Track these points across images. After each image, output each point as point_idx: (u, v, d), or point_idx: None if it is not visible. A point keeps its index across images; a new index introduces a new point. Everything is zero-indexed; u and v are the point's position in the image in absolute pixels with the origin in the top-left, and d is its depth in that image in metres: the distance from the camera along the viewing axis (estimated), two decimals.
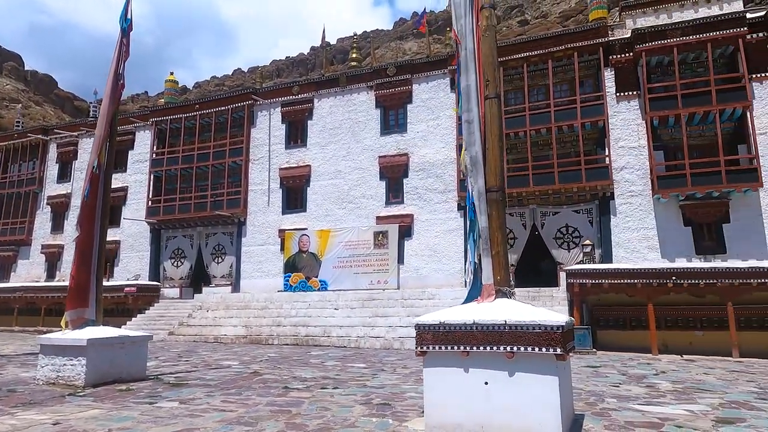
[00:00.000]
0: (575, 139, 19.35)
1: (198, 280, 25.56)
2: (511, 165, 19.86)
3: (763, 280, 13.90)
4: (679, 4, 19.08)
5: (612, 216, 18.60)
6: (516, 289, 19.37)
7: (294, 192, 24.26)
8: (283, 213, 24.01)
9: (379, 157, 22.52)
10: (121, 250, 27.02)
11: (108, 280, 25.78)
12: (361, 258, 21.41)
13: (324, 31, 25.63)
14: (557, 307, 16.74)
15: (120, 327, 15.70)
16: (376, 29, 79.16)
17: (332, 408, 6.39)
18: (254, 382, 8.67)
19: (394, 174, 22.22)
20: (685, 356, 14.44)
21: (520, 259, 19.78)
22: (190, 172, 25.77)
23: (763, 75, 17.57)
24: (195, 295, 24.06)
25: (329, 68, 26.67)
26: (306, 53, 78.26)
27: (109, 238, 26.79)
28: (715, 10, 18.55)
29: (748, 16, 17.76)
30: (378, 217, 22.05)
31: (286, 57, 79.91)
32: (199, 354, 14.26)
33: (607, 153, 18.76)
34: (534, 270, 20.59)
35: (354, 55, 26.88)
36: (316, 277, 22.11)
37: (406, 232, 21.48)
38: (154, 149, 26.96)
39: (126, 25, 9.33)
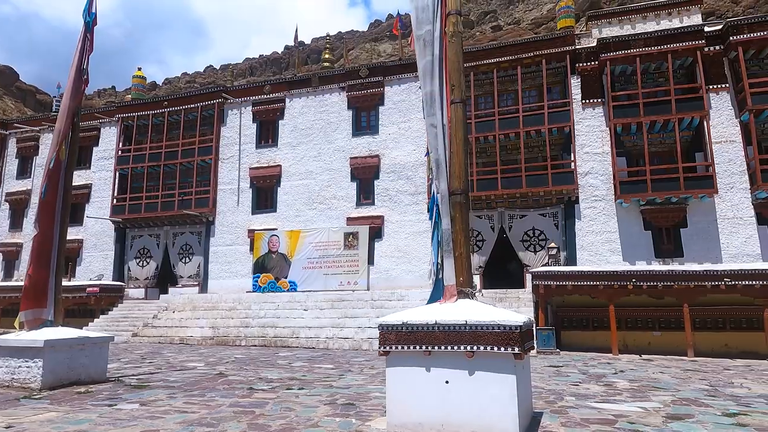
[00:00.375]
0: (542, 144, 19.81)
1: (164, 280, 25.06)
2: (480, 168, 20.19)
3: (716, 283, 14.49)
4: (642, 15, 19.77)
5: (577, 220, 19.11)
6: (484, 291, 19.72)
7: (264, 192, 24.06)
8: (253, 213, 23.78)
9: (351, 158, 22.56)
10: (84, 249, 26.26)
11: (69, 280, 25.02)
12: (332, 259, 21.38)
13: (297, 31, 25.52)
14: (523, 308, 17.10)
15: (82, 328, 15.30)
16: (351, 30, 79.15)
17: (296, 408, 6.40)
18: (219, 384, 8.59)
19: (365, 175, 22.29)
20: (643, 356, 14.94)
21: (488, 260, 20.12)
22: (158, 170, 25.26)
23: (719, 86, 18.36)
24: (161, 295, 23.59)
25: (302, 68, 26.56)
26: (280, 52, 77.60)
27: (71, 237, 26.03)
28: (675, 23, 19.29)
29: (706, 29, 18.54)
30: (349, 218, 22.07)
31: (260, 55, 79.06)
32: (164, 355, 14.00)
33: (572, 158, 19.26)
34: (502, 272, 20.96)
35: (327, 56, 26.86)
36: (286, 278, 21.97)
37: (376, 233, 21.57)
38: (120, 146, 26.32)
39: (90, 19, 9.12)
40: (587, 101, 19.67)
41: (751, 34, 17.73)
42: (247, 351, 15.75)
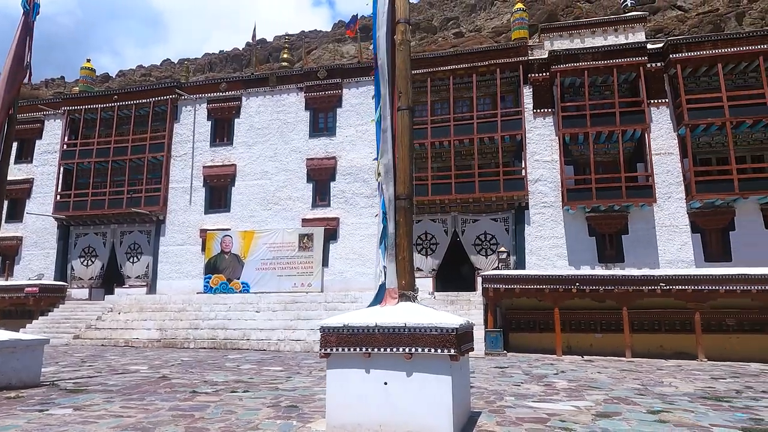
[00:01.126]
0: (495, 150, 20.33)
1: (110, 280, 24.16)
2: (435, 173, 20.52)
3: (652, 287, 15.30)
4: (591, 30, 20.65)
5: (526, 225, 19.72)
6: (436, 293, 20.03)
7: (218, 191, 23.59)
8: (206, 212, 23.28)
9: (307, 159, 22.45)
10: (23, 247, 24.98)
11: (7, 279, 23.79)
12: (286, 260, 21.19)
13: (254, 29, 25.19)
14: (474, 310, 17.48)
15: (19, 330, 14.55)
16: (314, 30, 78.54)
17: (238, 411, 6.36)
18: (161, 387, 8.40)
19: (321, 177, 22.24)
20: (585, 357, 15.58)
21: (441, 264, 20.46)
22: (106, 166, 24.35)
23: (659, 101, 19.39)
24: (106, 296, 22.72)
25: (259, 66, 26.24)
26: (241, 48, 76.12)
27: (9, 234, 24.75)
28: (621, 39, 20.25)
29: (649, 46, 19.55)
30: (304, 220, 21.95)
31: (220, 51, 77.26)
32: (106, 359, 13.51)
33: (523, 165, 19.87)
34: (455, 275, 21.35)
35: (285, 56, 26.63)
36: (238, 279, 21.60)
37: (331, 235, 21.54)
38: (66, 140, 25.21)
39: (29, 8, 8.74)
40: (538, 111, 20.34)
41: (689, 53, 18.82)
42: (195, 353, 15.42)
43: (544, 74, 20.36)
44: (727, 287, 14.84)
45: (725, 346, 15.52)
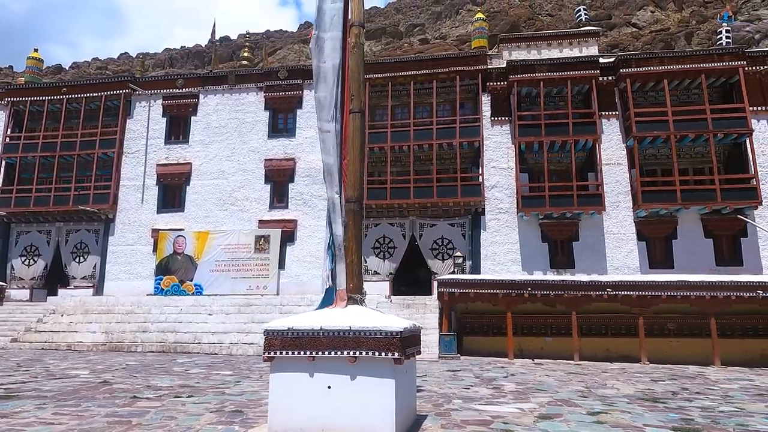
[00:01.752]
0: (454, 156, 20.61)
1: (54, 281, 23.04)
2: (394, 177, 20.61)
3: (600, 293, 15.83)
4: (548, 43, 21.29)
5: (482, 230, 20.07)
6: (393, 297, 20.01)
7: (172, 190, 22.92)
8: (159, 212, 22.57)
9: (266, 159, 22.13)
10: None
11: None
12: (241, 262, 20.80)
13: (214, 26, 24.70)
14: (429, 314, 17.64)
15: None
16: (280, 29, 77.64)
17: (179, 417, 6.17)
18: (100, 393, 8.05)
19: (280, 178, 21.96)
20: (535, 360, 15.95)
21: (398, 267, 20.55)
22: (52, 162, 23.25)
23: (610, 113, 20.16)
24: (49, 297, 21.66)
25: (218, 64, 25.72)
26: (204, 45, 74.39)
27: None
28: (576, 52, 20.96)
29: (601, 60, 20.31)
30: (261, 221, 21.60)
31: (182, 47, 75.21)
32: (45, 363, 12.86)
33: (480, 172, 20.23)
34: (412, 279, 21.47)
35: (246, 54, 26.21)
36: (191, 280, 21.04)
37: (289, 237, 21.29)
38: (8, 132, 23.93)
39: None
40: (496, 119, 20.78)
41: (638, 69, 19.67)
42: (142, 357, 14.89)
43: (502, 83, 20.82)
44: (669, 293, 15.53)
45: (666, 349, 16.22)
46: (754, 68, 19.46)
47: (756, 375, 13.03)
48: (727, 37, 21.84)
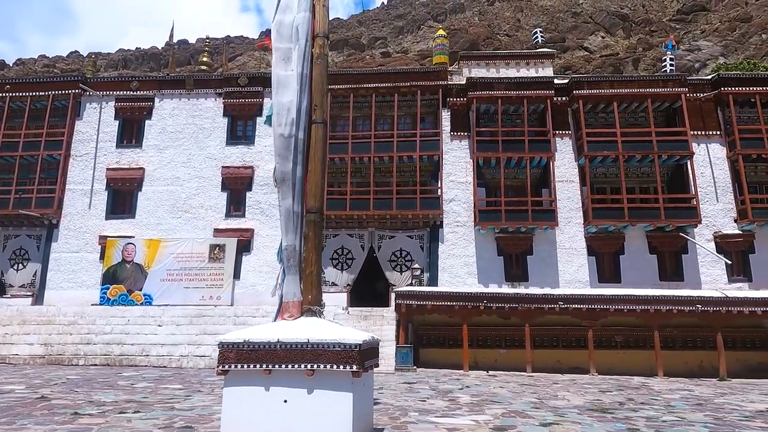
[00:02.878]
0: (413, 169, 20.82)
1: None
2: (354, 188, 20.60)
3: (552, 306, 16.30)
4: (506, 62, 21.97)
5: (440, 243, 20.30)
6: (351, 309, 19.80)
7: (122, 196, 22.04)
8: (107, 218, 21.62)
9: (223, 167, 21.67)
10: None
11: None
12: (194, 271, 20.18)
13: (173, 28, 24.21)
14: (386, 326, 17.62)
15: None
16: (240, 35, 76.65)
17: None
18: (37, 409, 7.58)
19: (237, 186, 21.53)
20: (490, 372, 16.19)
21: (357, 279, 20.47)
22: None
23: (563, 132, 20.94)
24: None
25: (174, 68, 25.09)
26: (160, 47, 72.48)
27: None
28: (532, 73, 21.71)
29: (556, 81, 21.11)
30: (216, 230, 21.06)
31: (136, 48, 72.96)
32: None
33: (439, 185, 20.53)
34: (370, 290, 21.41)
35: (205, 59, 25.71)
36: (140, 290, 20.22)
37: (245, 246, 20.84)
38: None
39: None
40: (455, 133, 21.18)
41: (590, 91, 20.57)
42: (84, 371, 14.14)
43: (462, 99, 21.28)
44: (616, 307, 16.16)
45: (613, 361, 16.83)
46: (694, 95, 20.73)
47: (695, 385, 13.69)
48: (671, 65, 23.18)
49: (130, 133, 22.73)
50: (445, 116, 21.34)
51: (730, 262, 19.14)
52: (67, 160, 22.14)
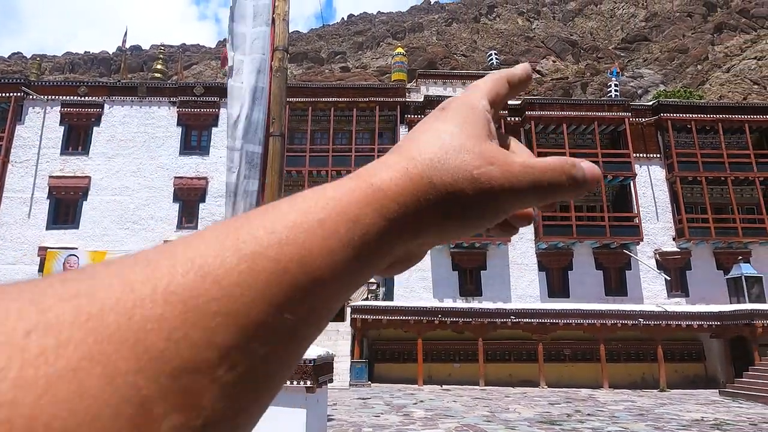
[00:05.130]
0: None
1: None
2: None
3: (504, 320, 16.67)
4: (462, 81, 22.58)
5: None
6: None
7: (66, 205, 21.01)
8: (48, 228, 20.53)
9: (176, 177, 21.07)
10: None
11: None
12: None
13: (126, 33, 23.44)
14: (341, 341, 17.47)
15: None
16: (197, 44, 75.24)
17: None
18: None
19: (190, 197, 20.97)
20: (444, 386, 16.32)
21: None
22: None
23: None
24: None
25: (127, 74, 24.35)
26: (111, 52, 70.07)
27: None
28: None
29: (509, 102, 21.83)
30: (166, 242, 20.28)
31: (85, 52, 70.25)
32: None
33: None
34: None
35: (159, 67, 25.08)
36: None
37: None
38: None
39: None
40: None
41: (542, 112, 21.41)
42: None
43: (420, 116, 21.64)
44: (565, 320, 16.70)
45: (562, 373, 17.34)
46: (637, 119, 21.93)
47: (638, 396, 14.28)
48: (615, 91, 24.49)
49: (77, 139, 21.79)
50: (403, 132, 21.62)
51: (669, 278, 20.19)
52: (6, 166, 20.95)
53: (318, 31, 72.01)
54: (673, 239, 20.91)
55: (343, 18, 79.36)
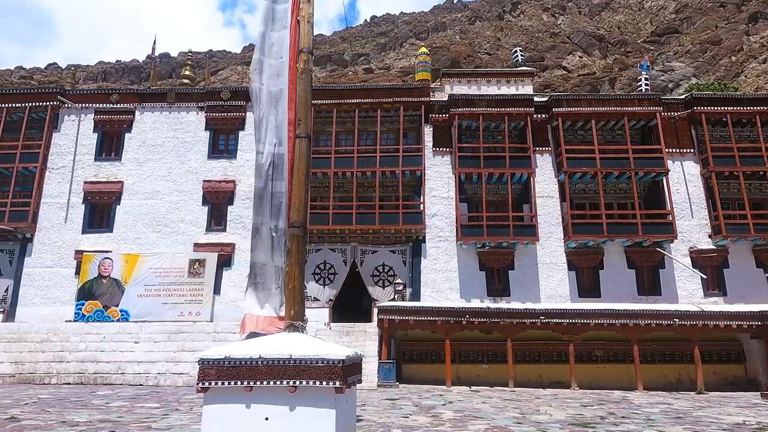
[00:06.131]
0: (396, 184, 20.91)
1: None
2: (337, 203, 20.60)
3: (533, 320, 16.40)
4: (487, 79, 22.34)
5: (423, 258, 20.34)
6: (333, 324, 19.66)
7: (100, 209, 21.63)
8: (84, 232, 21.17)
9: (204, 181, 21.46)
10: None
11: None
12: (173, 287, 19.82)
13: (155, 41, 24.00)
14: (369, 342, 17.49)
15: None
16: (223, 50, 76.64)
17: None
18: (7, 430, 7.31)
19: (218, 200, 21.33)
20: (472, 387, 16.15)
21: (339, 294, 20.34)
22: None
23: (543, 149, 21.29)
24: None
25: (155, 82, 24.93)
26: (141, 60, 72.00)
27: None
28: (512, 90, 22.11)
29: (536, 99, 21.53)
30: (196, 244, 20.78)
31: (117, 60, 72.40)
32: None
33: (422, 200, 20.62)
34: (353, 305, 21.28)
35: (187, 72, 25.59)
36: (117, 306, 19.76)
37: (225, 261, 20.58)
38: None
39: None
40: (437, 149, 21.38)
41: (569, 108, 21.00)
42: (57, 390, 13.70)
43: (444, 115, 21.53)
44: (596, 321, 16.33)
45: (594, 375, 16.96)
46: (669, 114, 21.31)
47: (674, 399, 13.85)
48: (646, 85, 23.85)
49: (109, 146, 22.42)
50: (428, 132, 21.55)
51: (705, 277, 19.54)
52: (43, 173, 21.71)
53: (341, 34, 72.40)
54: (709, 236, 20.23)
55: (366, 20, 79.69)
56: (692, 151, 21.22)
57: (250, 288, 5.47)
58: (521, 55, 25.63)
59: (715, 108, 21.02)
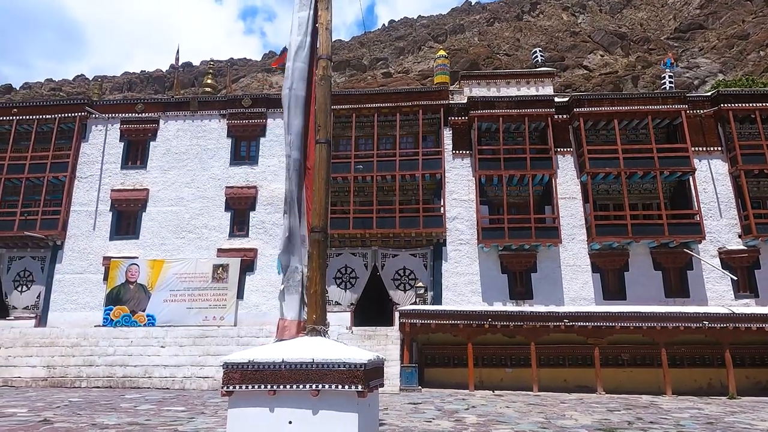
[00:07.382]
0: (416, 188, 20.90)
1: None
2: (357, 207, 20.68)
3: (557, 323, 16.16)
4: (506, 81, 22.19)
5: (444, 261, 20.26)
6: (354, 328, 19.73)
7: (127, 216, 22.15)
8: (111, 239, 21.69)
9: (227, 187, 21.79)
10: None
11: None
12: (197, 292, 20.15)
13: (178, 51, 24.51)
14: (390, 345, 17.48)
15: None
16: (244, 57, 77.78)
17: None
18: None
19: (240, 206, 21.62)
20: (496, 391, 15.98)
21: (360, 298, 20.39)
22: None
23: (565, 150, 21.02)
24: None
25: (179, 90, 25.43)
26: (164, 70, 73.56)
27: None
28: (532, 91, 21.91)
29: (556, 100, 21.29)
30: (220, 250, 21.09)
31: (141, 71, 74.11)
32: None
33: (442, 203, 20.57)
34: (374, 309, 21.30)
35: (209, 81, 26.05)
36: (144, 311, 20.17)
37: (248, 266, 20.83)
38: None
39: None
40: (457, 152, 21.30)
41: (591, 108, 20.71)
42: (86, 393, 14.04)
43: (463, 118, 21.45)
44: (622, 324, 16.01)
45: (620, 379, 16.63)
46: (694, 111, 20.84)
47: (705, 404, 13.48)
48: (670, 82, 23.38)
49: (135, 154, 22.96)
50: (447, 135, 21.49)
51: (735, 278, 19.01)
52: (73, 182, 22.33)
53: (359, 39, 72.78)
54: (739, 236, 19.68)
55: (384, 24, 80.00)
56: (720, 149, 20.70)
57: (284, 293, 5.54)
58: (541, 56, 25.39)
59: (743, 104, 20.48)
